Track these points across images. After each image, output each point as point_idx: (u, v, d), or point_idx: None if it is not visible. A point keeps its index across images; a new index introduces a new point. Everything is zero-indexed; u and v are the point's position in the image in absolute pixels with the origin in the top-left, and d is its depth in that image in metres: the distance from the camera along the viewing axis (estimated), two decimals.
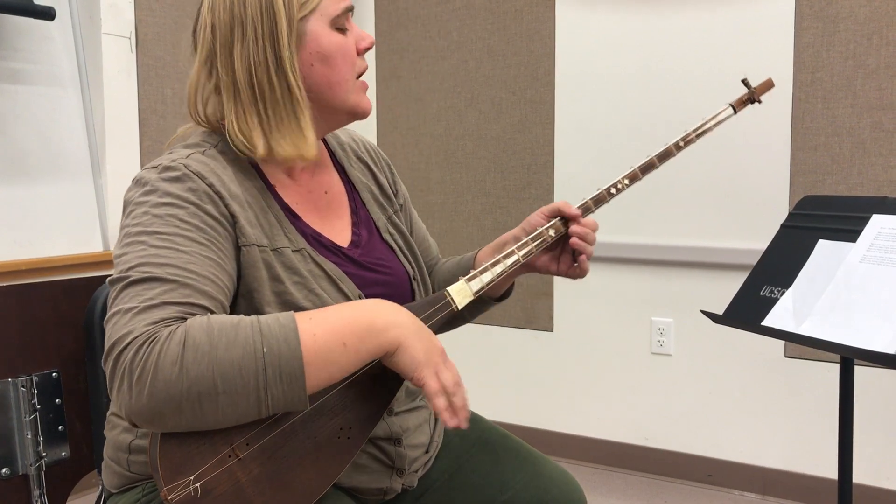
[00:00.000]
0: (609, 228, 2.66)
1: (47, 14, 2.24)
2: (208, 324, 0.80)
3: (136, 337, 0.78)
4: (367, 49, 1.07)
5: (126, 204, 0.94)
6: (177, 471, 0.80)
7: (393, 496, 1.09)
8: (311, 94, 1.02)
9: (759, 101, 1.29)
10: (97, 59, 2.47)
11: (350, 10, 1.04)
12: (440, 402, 0.89)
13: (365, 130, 3.10)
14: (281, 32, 0.98)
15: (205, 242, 0.90)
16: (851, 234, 1.28)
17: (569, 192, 2.71)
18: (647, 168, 1.20)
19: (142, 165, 2.60)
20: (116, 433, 1.03)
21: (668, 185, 2.55)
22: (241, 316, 0.83)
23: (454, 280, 1.07)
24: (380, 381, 0.93)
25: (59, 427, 1.15)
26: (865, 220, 1.28)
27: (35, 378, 1.12)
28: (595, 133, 2.67)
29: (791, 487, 2.44)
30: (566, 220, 1.16)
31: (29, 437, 1.11)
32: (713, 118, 1.25)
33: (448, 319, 1.04)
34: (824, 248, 1.31)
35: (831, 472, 2.36)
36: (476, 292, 1.03)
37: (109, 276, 0.89)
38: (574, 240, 1.14)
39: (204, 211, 0.92)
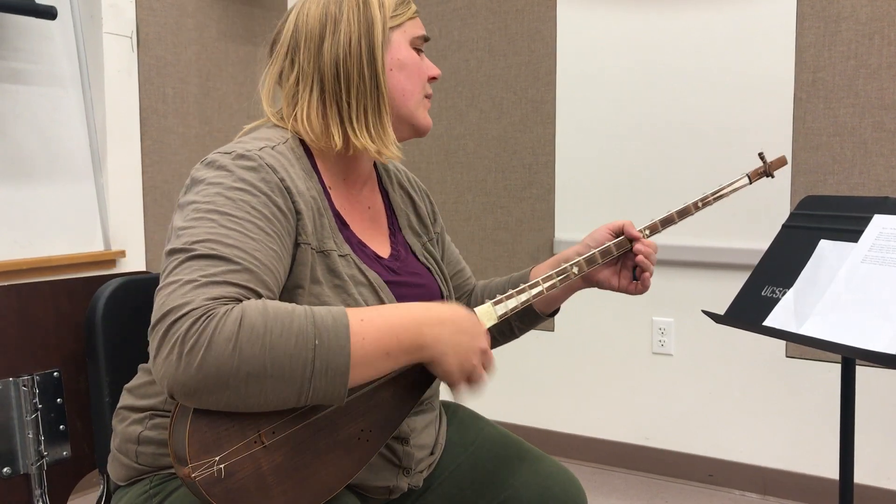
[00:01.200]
0: None
1: (48, 13, 2.24)
2: (264, 307, 0.81)
3: (195, 309, 0.78)
4: (435, 79, 1.13)
5: (195, 181, 0.94)
6: (204, 450, 0.80)
7: (398, 495, 1.10)
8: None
9: (773, 176, 1.36)
10: (98, 58, 2.47)
11: (427, 39, 1.12)
12: (460, 395, 0.97)
13: None
14: (376, 31, 1.04)
15: (271, 233, 0.91)
16: (853, 235, 1.28)
17: (570, 192, 2.71)
18: (667, 222, 1.28)
19: (142, 165, 2.60)
20: (126, 425, 1.03)
21: (668, 184, 2.55)
22: (295, 305, 0.84)
23: (503, 291, 1.16)
24: (404, 392, 0.96)
25: (61, 426, 1.15)
26: (867, 221, 1.28)
27: (36, 377, 1.12)
28: (596, 132, 2.67)
29: (792, 487, 2.44)
30: (630, 238, 1.22)
31: (30, 436, 1.11)
32: (730, 186, 1.31)
33: (494, 335, 1.15)
34: (826, 249, 1.31)
35: (832, 472, 2.36)
36: (500, 317, 1.05)
37: (111, 274, 0.89)
38: (640, 258, 1.21)
39: (274, 203, 0.93)
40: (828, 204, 1.40)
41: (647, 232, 1.25)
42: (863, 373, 2.26)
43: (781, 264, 1.35)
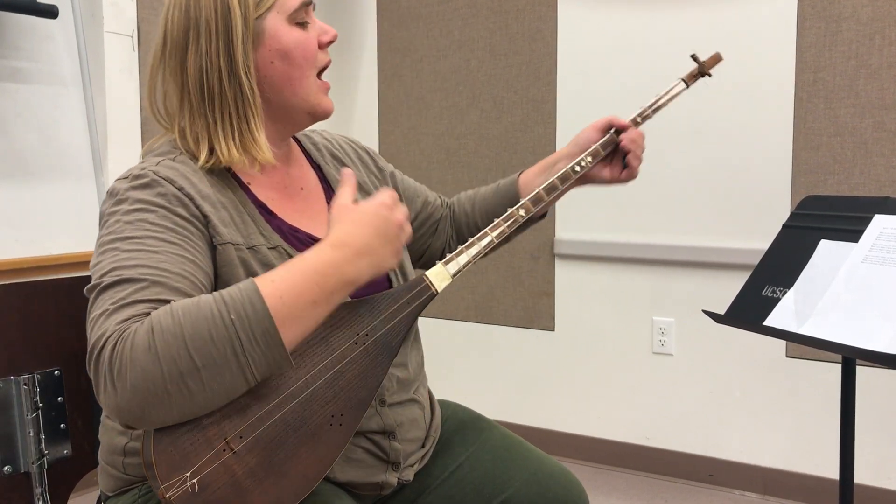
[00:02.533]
0: (610, 228, 2.66)
1: (50, 12, 2.24)
2: (171, 308, 0.80)
3: (109, 336, 0.79)
4: (330, 42, 1.07)
5: (101, 216, 0.95)
6: (173, 468, 0.80)
7: (389, 491, 1.10)
8: (271, 93, 1.03)
9: (710, 75, 1.36)
10: (99, 57, 2.47)
11: (308, 3, 1.04)
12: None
13: (367, 130, 3.10)
14: (236, 32, 0.98)
15: (176, 241, 0.90)
16: (853, 235, 1.28)
17: (571, 192, 2.71)
18: (608, 144, 1.28)
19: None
20: (110, 437, 1.03)
21: (669, 184, 2.55)
22: (201, 294, 0.84)
23: (496, 207, 1.25)
24: (368, 369, 0.94)
25: (61, 425, 1.15)
26: (867, 221, 1.28)
27: (37, 376, 1.12)
28: None
29: (792, 487, 2.44)
30: (618, 130, 1.27)
31: (31, 435, 1.11)
32: (666, 93, 1.33)
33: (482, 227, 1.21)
34: (826, 249, 1.31)
35: (832, 472, 2.36)
36: (454, 275, 1.03)
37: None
38: (625, 143, 1.25)
39: (174, 213, 0.93)
40: (828, 204, 1.40)
41: (590, 159, 1.26)
42: (863, 373, 2.26)
43: (782, 264, 1.35)
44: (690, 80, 1.34)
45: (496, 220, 1.10)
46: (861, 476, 2.30)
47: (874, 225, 1.27)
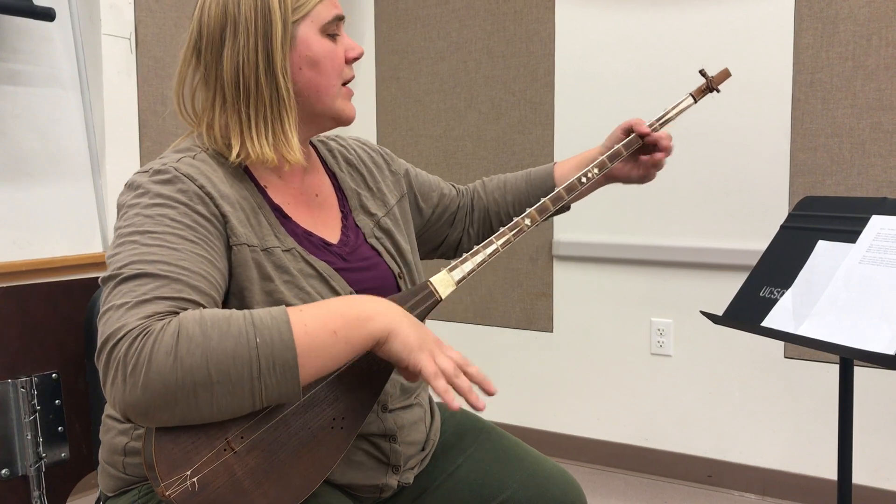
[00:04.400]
0: (608, 229, 2.66)
1: (47, 15, 2.24)
2: (201, 316, 0.80)
3: (130, 330, 0.79)
4: (356, 59, 1.09)
5: (119, 207, 0.95)
6: (173, 466, 0.80)
7: (389, 494, 1.10)
8: (297, 98, 1.04)
9: (718, 91, 1.40)
10: (97, 59, 2.47)
11: (341, 18, 1.06)
12: (440, 385, 0.88)
13: (365, 131, 3.10)
14: (275, 32, 0.99)
15: (196, 240, 0.91)
16: (851, 235, 1.28)
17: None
18: (615, 157, 1.32)
19: (142, 166, 2.60)
20: (111, 436, 1.03)
21: (667, 185, 2.55)
22: (233, 310, 0.84)
23: (530, 198, 1.30)
24: (369, 372, 0.94)
25: (59, 428, 1.15)
26: (865, 221, 1.28)
27: (35, 379, 1.12)
28: (594, 134, 2.66)
29: (791, 488, 2.44)
30: (640, 135, 1.33)
31: (29, 438, 1.11)
32: (674, 107, 1.37)
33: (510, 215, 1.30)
34: (824, 249, 1.31)
35: (831, 472, 2.36)
36: (458, 282, 1.04)
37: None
38: (651, 137, 1.33)
39: (194, 210, 0.93)
40: (826, 205, 1.40)
41: (596, 170, 1.29)
42: (861, 373, 2.26)
43: (780, 265, 1.35)
44: (698, 95, 1.38)
45: (502, 229, 1.12)
46: (859, 476, 2.30)
47: (872, 225, 1.27)
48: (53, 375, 1.14)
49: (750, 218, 2.43)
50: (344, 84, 1.08)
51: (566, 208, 1.30)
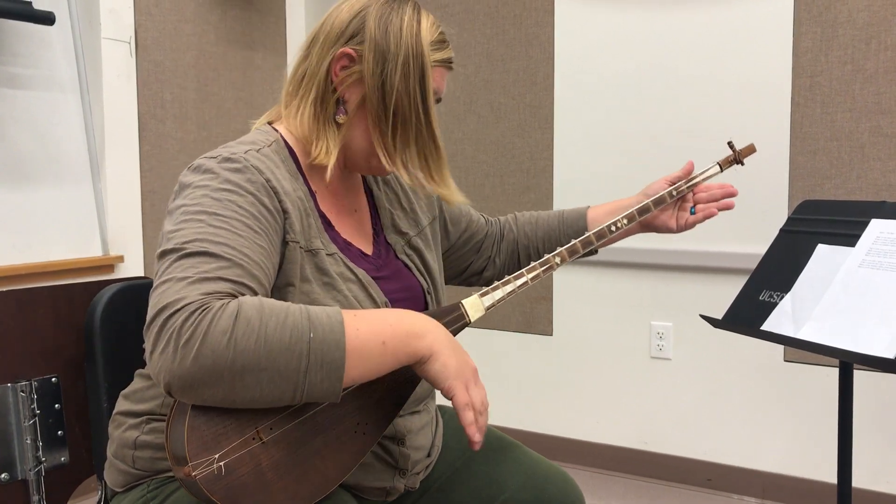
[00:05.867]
0: None
1: (47, 19, 2.24)
2: (260, 303, 0.82)
3: (191, 303, 0.79)
4: None
5: (182, 186, 0.96)
6: (203, 448, 0.81)
7: (395, 497, 1.10)
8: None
9: (742, 164, 1.44)
10: (97, 63, 2.47)
11: (439, 100, 1.12)
12: (468, 416, 0.91)
13: None
14: (428, 79, 1.05)
15: (259, 231, 0.92)
16: (850, 239, 1.28)
17: (568, 197, 2.71)
18: (644, 211, 1.34)
19: (141, 170, 2.60)
20: (122, 430, 1.04)
21: None
22: (290, 303, 0.85)
23: (560, 237, 1.34)
24: (396, 384, 0.97)
25: (59, 432, 1.15)
26: (864, 225, 1.28)
27: (34, 383, 1.12)
28: (594, 137, 2.67)
29: (790, 491, 2.44)
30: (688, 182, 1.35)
31: (28, 442, 1.11)
32: (702, 174, 1.39)
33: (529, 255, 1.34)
34: (823, 253, 1.31)
35: (830, 475, 2.36)
36: (487, 308, 1.07)
37: (109, 279, 0.90)
38: (701, 195, 1.36)
39: (260, 202, 0.94)
40: (825, 208, 1.41)
41: (626, 221, 1.30)
42: (860, 377, 2.26)
43: (779, 269, 1.36)
44: (725, 165, 1.41)
45: (533, 264, 1.15)
46: (859, 480, 2.30)
47: (871, 229, 1.27)
48: (53, 379, 1.14)
49: (749, 221, 2.44)
50: None
51: (594, 251, 1.32)
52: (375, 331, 0.87)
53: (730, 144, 1.42)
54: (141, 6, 2.55)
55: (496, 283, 1.09)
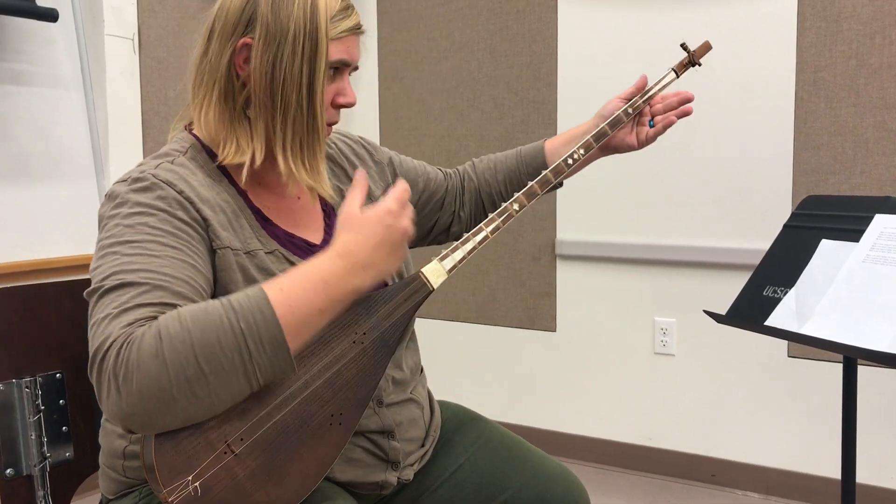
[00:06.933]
0: (611, 228, 2.66)
1: (50, 16, 2.24)
2: (178, 314, 0.80)
3: (114, 340, 0.79)
4: (343, 107, 1.06)
5: (100, 219, 0.95)
6: (175, 471, 0.80)
7: (389, 491, 1.10)
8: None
9: (699, 65, 1.38)
10: (100, 60, 2.47)
11: (350, 66, 1.05)
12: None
13: (368, 131, 3.10)
14: (320, 60, 0.98)
15: (177, 246, 0.90)
16: (854, 234, 1.28)
17: (571, 192, 2.71)
18: (601, 136, 1.29)
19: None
20: (110, 440, 1.03)
21: (670, 184, 2.55)
22: (210, 300, 0.84)
23: (521, 176, 1.28)
24: (367, 367, 0.95)
25: (63, 428, 1.15)
26: (868, 220, 1.28)
27: (39, 379, 1.12)
28: None
29: (794, 487, 2.44)
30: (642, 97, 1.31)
31: (33, 437, 1.11)
32: (658, 83, 1.35)
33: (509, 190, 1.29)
34: (827, 248, 1.31)
35: (834, 472, 2.36)
36: (449, 271, 1.03)
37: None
38: (659, 106, 1.33)
39: (175, 217, 0.93)
40: (829, 204, 1.40)
41: (583, 151, 1.26)
42: (864, 372, 2.26)
43: (783, 264, 1.35)
44: (680, 69, 1.37)
45: (490, 216, 1.10)
46: (863, 476, 2.30)
47: (875, 224, 1.27)
48: (58, 375, 1.14)
49: (753, 217, 2.43)
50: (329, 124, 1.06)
51: (559, 184, 1.28)
52: (310, 302, 0.85)
53: (683, 46, 1.36)
54: (144, 3, 2.55)
55: (454, 244, 1.05)
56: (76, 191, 2.47)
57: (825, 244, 1.31)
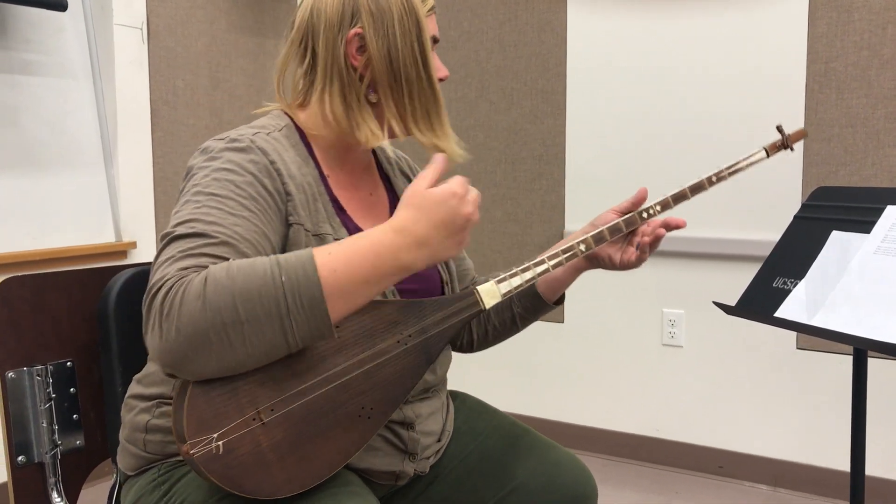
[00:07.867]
0: None
1: (59, 5, 2.24)
2: (228, 264, 0.82)
3: (167, 280, 0.81)
4: (441, 80, 1.12)
5: (189, 169, 0.98)
6: (202, 426, 0.81)
7: (405, 481, 1.10)
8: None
9: (792, 149, 1.33)
10: (109, 50, 2.48)
11: (437, 41, 1.11)
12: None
13: None
14: (424, 31, 1.05)
15: (255, 211, 0.93)
16: (865, 226, 1.27)
17: (580, 184, 2.71)
18: (679, 198, 1.26)
19: (153, 156, 2.61)
20: (133, 414, 1.04)
21: (679, 175, 2.54)
22: (259, 256, 0.86)
23: (507, 304, 1.26)
24: (406, 369, 0.96)
25: (74, 416, 1.16)
26: (880, 211, 1.27)
27: (50, 367, 1.13)
28: (606, 124, 2.66)
29: (802, 479, 2.43)
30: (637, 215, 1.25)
31: (44, 425, 1.12)
32: (746, 159, 1.29)
33: (496, 326, 1.29)
34: (838, 240, 1.30)
35: (843, 464, 2.35)
36: (504, 295, 1.03)
37: (122, 265, 0.91)
38: (645, 240, 1.25)
39: (261, 183, 0.95)
40: (840, 195, 1.40)
41: (659, 208, 1.25)
42: (874, 364, 2.25)
43: (793, 255, 1.35)
44: (772, 150, 1.32)
45: (556, 251, 1.12)
46: (872, 468, 2.30)
47: (886, 216, 1.26)
48: (68, 364, 1.15)
49: (763, 208, 2.42)
50: None
51: (561, 300, 1.34)
52: (355, 270, 0.85)
53: (779, 128, 1.32)
54: None
55: (514, 270, 1.06)
56: (85, 180, 2.48)
57: (836, 235, 1.31)
